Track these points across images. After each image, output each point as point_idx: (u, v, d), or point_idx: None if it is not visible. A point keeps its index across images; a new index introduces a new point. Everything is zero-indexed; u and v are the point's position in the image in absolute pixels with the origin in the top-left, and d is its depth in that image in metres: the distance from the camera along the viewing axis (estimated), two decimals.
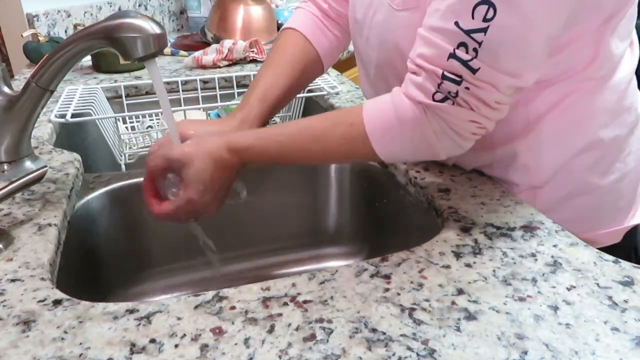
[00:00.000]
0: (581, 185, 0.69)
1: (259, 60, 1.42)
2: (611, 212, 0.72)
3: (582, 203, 0.69)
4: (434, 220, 0.67)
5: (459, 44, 0.52)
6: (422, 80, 0.56)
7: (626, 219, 0.73)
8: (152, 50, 0.60)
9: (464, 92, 0.54)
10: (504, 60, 0.52)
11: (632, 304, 0.47)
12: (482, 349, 0.42)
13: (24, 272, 0.53)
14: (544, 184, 0.68)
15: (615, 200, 0.71)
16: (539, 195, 0.69)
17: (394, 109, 0.58)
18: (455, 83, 0.54)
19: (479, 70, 0.52)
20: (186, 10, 1.95)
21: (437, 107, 0.55)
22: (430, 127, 0.57)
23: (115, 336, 0.44)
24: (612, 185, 0.69)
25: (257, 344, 0.43)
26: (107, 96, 1.14)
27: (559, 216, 0.64)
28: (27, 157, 0.73)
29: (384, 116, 0.59)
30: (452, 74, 0.54)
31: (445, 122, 0.56)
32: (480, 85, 0.53)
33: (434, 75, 0.55)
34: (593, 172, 0.68)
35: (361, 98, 1.08)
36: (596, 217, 0.71)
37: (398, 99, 0.58)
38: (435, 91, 0.55)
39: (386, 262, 0.54)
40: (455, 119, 0.56)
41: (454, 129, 0.57)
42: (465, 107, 0.55)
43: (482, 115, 0.55)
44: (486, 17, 0.50)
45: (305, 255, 0.94)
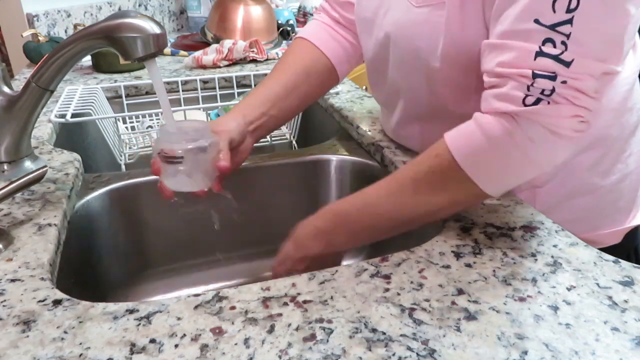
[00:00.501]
0: (582, 186, 0.68)
1: (259, 60, 1.42)
2: (611, 212, 0.72)
3: (582, 203, 0.69)
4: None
5: (545, 40, 0.50)
6: (507, 90, 0.52)
7: (627, 220, 0.73)
8: (152, 50, 0.61)
9: (561, 86, 0.50)
10: (595, 47, 0.50)
11: (632, 304, 0.47)
12: (482, 349, 0.42)
13: (24, 272, 0.53)
14: (544, 184, 0.68)
15: (615, 200, 0.71)
16: (540, 195, 0.69)
17: (479, 129, 0.53)
18: (550, 79, 0.50)
19: (573, 62, 0.49)
20: (186, 10, 1.95)
21: (529, 111, 0.51)
22: (525, 134, 0.51)
23: (115, 336, 0.44)
24: (613, 186, 0.69)
25: (257, 344, 0.43)
26: (107, 96, 1.14)
27: (560, 216, 0.63)
28: (27, 157, 0.73)
29: (470, 140, 0.54)
30: (544, 71, 0.50)
31: (541, 125, 0.51)
32: (577, 76, 0.50)
33: (522, 78, 0.51)
34: (594, 172, 0.68)
35: (361, 98, 1.08)
36: (596, 218, 0.71)
37: (482, 119, 0.54)
38: (526, 95, 0.51)
39: (386, 262, 0.54)
40: (554, 118, 0.51)
41: (554, 130, 0.51)
42: (564, 103, 0.50)
43: (584, 107, 0.51)
44: (569, 7, 0.49)
45: None
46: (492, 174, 0.54)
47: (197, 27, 1.80)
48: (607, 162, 0.68)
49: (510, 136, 0.52)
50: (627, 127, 0.68)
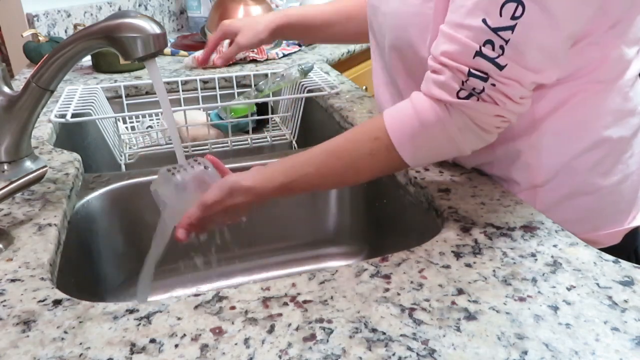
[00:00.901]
0: (583, 186, 0.69)
1: (259, 60, 1.42)
2: (612, 213, 0.72)
3: (583, 203, 0.70)
4: (434, 220, 0.67)
5: (486, 41, 0.53)
6: (445, 79, 0.56)
7: (626, 221, 0.73)
8: (152, 50, 0.61)
9: (490, 88, 0.55)
10: (530, 57, 0.54)
11: (632, 304, 0.47)
12: (482, 349, 0.42)
13: (24, 272, 0.53)
14: (545, 183, 0.68)
15: (616, 201, 0.71)
16: (540, 195, 0.69)
17: (415, 114, 0.59)
18: (481, 80, 0.55)
19: (506, 67, 0.53)
20: (186, 10, 1.95)
21: (461, 104, 0.56)
22: (454, 124, 0.58)
23: (115, 336, 0.44)
24: (614, 187, 0.69)
25: (257, 344, 0.43)
26: (107, 96, 1.14)
27: (560, 216, 0.64)
28: (27, 157, 0.73)
29: (408, 124, 0.59)
30: (479, 71, 0.54)
31: (469, 118, 0.57)
32: (506, 82, 0.54)
33: (460, 73, 0.55)
34: (595, 172, 0.68)
35: (361, 98, 1.08)
36: (597, 218, 0.71)
37: (418, 103, 0.59)
38: (460, 89, 0.56)
39: (386, 262, 0.54)
40: (480, 114, 0.57)
41: (479, 124, 0.58)
42: (490, 103, 0.56)
43: (507, 110, 0.57)
44: (515, 14, 0.52)
45: (305, 255, 0.94)
46: (420, 154, 0.61)
47: (197, 27, 1.80)
48: (608, 162, 0.68)
49: (442, 123, 0.58)
50: (629, 128, 0.69)
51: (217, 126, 1.07)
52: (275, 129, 1.15)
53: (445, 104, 0.57)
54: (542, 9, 0.51)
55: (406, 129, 0.59)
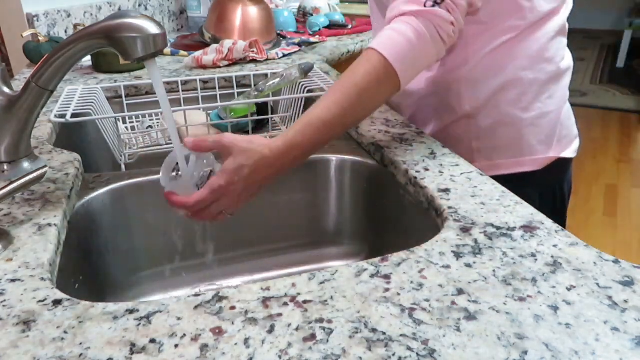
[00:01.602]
0: (505, 118, 0.86)
1: (258, 60, 1.42)
2: (533, 143, 0.88)
3: (507, 133, 0.87)
4: (434, 220, 0.67)
5: None
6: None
7: (547, 151, 0.89)
8: (152, 50, 0.61)
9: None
10: None
11: (632, 304, 0.47)
12: (482, 349, 0.42)
13: (24, 272, 0.53)
14: (476, 114, 0.86)
15: (535, 133, 0.87)
16: (472, 125, 0.88)
17: (395, 32, 0.70)
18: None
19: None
20: (186, 10, 1.95)
21: (428, 11, 0.69)
22: (424, 32, 0.69)
23: (115, 336, 0.44)
24: (533, 120, 0.86)
25: (257, 344, 0.43)
26: (107, 96, 1.14)
27: (489, 142, 0.86)
28: (27, 157, 0.73)
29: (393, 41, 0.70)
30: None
31: (434, 25, 0.69)
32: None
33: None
34: (515, 107, 0.86)
35: None
36: (519, 145, 0.88)
37: (394, 24, 0.71)
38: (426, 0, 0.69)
39: (386, 262, 0.54)
40: (441, 20, 0.69)
41: (439, 32, 0.70)
42: (446, 11, 0.69)
43: (456, 19, 0.70)
44: None
45: (305, 255, 0.94)
46: (408, 66, 0.70)
47: (197, 27, 1.80)
48: (525, 100, 0.85)
49: (418, 34, 0.69)
50: (545, 74, 0.85)
51: (217, 126, 1.07)
52: (275, 129, 1.15)
53: (414, 15, 0.69)
54: None
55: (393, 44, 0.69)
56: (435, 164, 0.75)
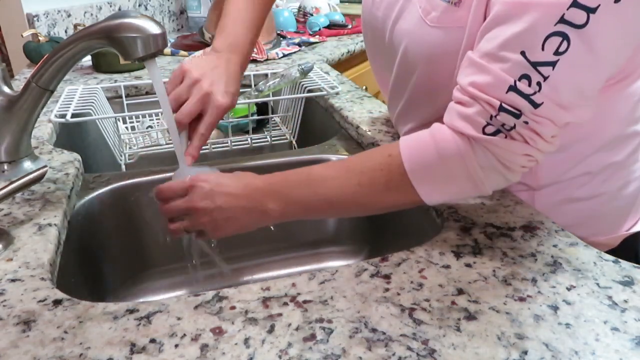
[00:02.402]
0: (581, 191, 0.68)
1: (258, 60, 1.42)
2: (611, 218, 0.71)
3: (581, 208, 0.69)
4: (434, 220, 0.67)
5: (522, 75, 0.49)
6: (472, 113, 0.52)
7: (624, 226, 0.72)
8: (152, 50, 0.61)
9: (522, 125, 0.50)
10: (567, 96, 0.50)
11: (632, 304, 0.47)
12: (482, 349, 0.42)
13: (24, 272, 0.53)
14: (543, 186, 0.68)
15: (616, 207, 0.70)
16: (537, 196, 0.69)
17: (434, 143, 0.54)
18: (513, 116, 0.50)
19: (542, 105, 0.49)
20: (186, 10, 1.95)
21: (487, 140, 0.52)
22: (476, 161, 0.53)
23: (115, 336, 0.44)
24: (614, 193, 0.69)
25: (257, 344, 0.43)
26: (107, 96, 1.14)
27: (558, 220, 0.63)
28: (27, 157, 0.73)
29: (423, 151, 0.55)
30: (511, 107, 0.50)
31: (494, 155, 0.53)
32: (540, 121, 0.50)
33: (489, 106, 0.51)
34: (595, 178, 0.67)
35: (361, 98, 1.08)
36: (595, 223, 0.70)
37: (439, 133, 0.55)
38: (487, 124, 0.52)
39: (386, 262, 0.54)
40: (507, 152, 0.52)
41: (503, 163, 0.53)
42: (519, 141, 0.51)
43: (537, 149, 0.52)
44: (558, 50, 0.47)
45: (305, 255, 0.94)
46: (435, 188, 0.56)
47: (197, 27, 1.80)
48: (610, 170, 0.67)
49: (462, 159, 0.53)
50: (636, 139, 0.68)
51: (217, 126, 1.07)
52: (275, 129, 1.15)
53: (468, 138, 0.53)
54: (588, 47, 0.47)
55: (421, 155, 0.55)
56: None
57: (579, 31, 0.46)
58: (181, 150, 0.67)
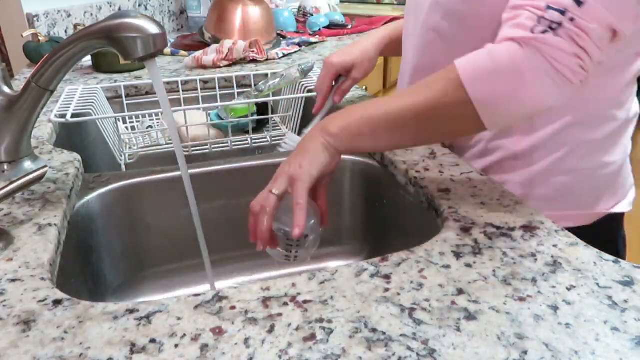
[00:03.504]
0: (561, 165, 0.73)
1: (258, 60, 1.42)
2: (586, 195, 0.75)
3: (560, 182, 0.74)
4: (434, 220, 0.67)
5: None
6: (520, 20, 0.55)
7: (598, 205, 0.75)
8: (152, 50, 0.61)
9: (569, 22, 0.53)
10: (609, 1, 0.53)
11: (632, 304, 0.47)
12: (482, 349, 0.42)
13: (24, 272, 0.53)
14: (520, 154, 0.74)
15: (593, 185, 0.75)
16: (518, 167, 0.75)
17: (488, 54, 0.56)
18: (560, 13, 0.53)
19: (585, 4, 0.52)
20: (186, 10, 1.95)
21: (536, 38, 0.53)
22: (529, 63, 0.54)
23: (115, 336, 0.44)
24: (592, 171, 0.73)
25: (257, 344, 0.43)
26: (107, 96, 1.14)
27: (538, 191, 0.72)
28: (27, 157, 0.73)
29: (477, 59, 0.57)
30: (557, 5, 0.53)
31: (545, 57, 0.54)
32: (586, 18, 0.53)
33: (535, 9, 0.54)
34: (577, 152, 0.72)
35: (361, 98, 1.08)
36: (571, 198, 0.75)
37: (492, 47, 0.57)
38: (535, 25, 0.54)
39: (386, 262, 0.54)
40: (556, 50, 0.53)
41: (554, 65, 0.54)
42: (567, 39, 0.53)
43: (584, 50, 0.53)
44: None
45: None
46: (491, 95, 0.56)
47: (197, 27, 1.80)
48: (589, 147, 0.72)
49: (514, 62, 0.54)
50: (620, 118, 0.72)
51: (217, 126, 1.07)
52: (275, 129, 1.15)
53: (519, 43, 0.54)
54: None
55: (477, 65, 0.56)
56: (435, 164, 0.75)
57: None
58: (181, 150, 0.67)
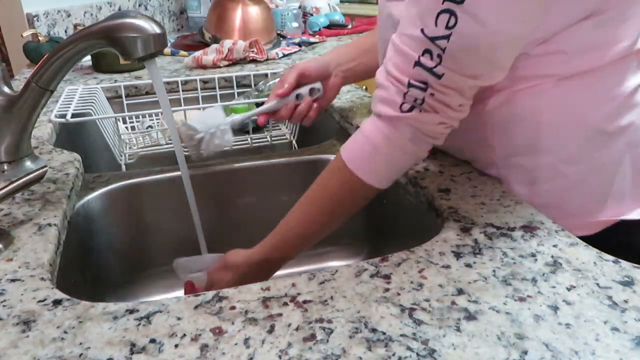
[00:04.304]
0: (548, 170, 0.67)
1: (258, 60, 1.42)
2: (582, 202, 0.68)
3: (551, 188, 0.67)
4: (434, 220, 0.67)
5: (424, 50, 0.54)
6: (388, 95, 0.58)
7: (601, 212, 0.68)
8: (152, 50, 0.61)
9: (430, 97, 0.55)
10: (467, 65, 0.54)
11: (632, 304, 0.47)
12: (482, 349, 0.42)
13: (24, 272, 0.53)
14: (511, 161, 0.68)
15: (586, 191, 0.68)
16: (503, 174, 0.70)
17: (364, 138, 0.61)
18: (421, 90, 0.55)
19: (444, 76, 0.54)
20: (186, 10, 1.95)
21: (406, 117, 0.57)
22: (404, 137, 0.59)
23: (115, 336, 0.44)
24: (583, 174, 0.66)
25: (257, 344, 0.43)
26: (107, 96, 1.14)
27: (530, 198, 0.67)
28: (27, 157, 0.73)
29: (358, 146, 0.62)
30: (418, 82, 0.55)
31: (416, 129, 0.58)
32: (445, 91, 0.55)
33: (400, 84, 0.56)
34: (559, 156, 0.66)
35: (361, 98, 1.08)
36: (566, 205, 0.68)
37: (366, 127, 0.61)
38: (402, 102, 0.57)
39: (386, 262, 0.54)
40: (424, 124, 0.58)
41: (426, 133, 0.59)
42: (432, 112, 0.57)
43: (448, 117, 0.57)
44: (448, 24, 0.52)
45: (305, 255, 0.94)
46: (379, 173, 0.62)
47: (197, 27, 1.80)
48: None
49: (389, 140, 0.59)
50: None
51: None
52: (275, 129, 1.15)
53: (390, 120, 0.58)
54: (473, 20, 0.50)
55: (359, 153, 0.61)
56: (435, 164, 0.75)
57: (460, 6, 0.50)
58: (181, 150, 0.67)
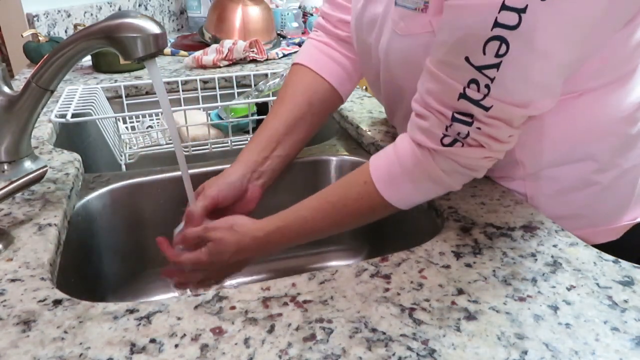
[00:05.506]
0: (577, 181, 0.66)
1: (258, 60, 1.42)
2: (609, 209, 0.69)
3: (577, 198, 0.67)
4: (434, 220, 0.67)
5: (470, 81, 0.50)
6: (428, 125, 0.55)
7: (624, 217, 0.69)
8: (152, 50, 0.61)
9: (475, 132, 0.52)
10: (517, 93, 0.50)
11: (632, 304, 0.47)
12: (482, 349, 0.42)
13: (24, 272, 0.53)
14: (536, 179, 0.67)
15: (612, 196, 0.68)
16: (532, 188, 0.67)
17: (397, 159, 0.59)
18: (466, 124, 0.52)
19: (492, 108, 0.51)
20: (186, 10, 1.95)
21: (446, 151, 0.55)
22: (438, 168, 0.56)
23: (115, 336, 0.44)
24: (611, 182, 0.66)
25: (257, 344, 0.43)
26: (107, 96, 1.14)
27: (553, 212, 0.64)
28: (27, 157, 0.73)
29: (388, 166, 0.59)
30: (463, 115, 0.52)
31: (455, 162, 0.56)
32: (493, 124, 0.52)
33: (443, 117, 0.53)
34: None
35: (361, 98, 1.08)
36: (592, 214, 0.68)
37: (401, 147, 0.59)
38: (444, 135, 0.54)
39: (386, 262, 0.54)
40: (466, 159, 0.55)
41: (466, 166, 0.56)
42: (476, 147, 0.54)
43: (494, 151, 0.55)
44: (499, 52, 0.48)
45: (305, 255, 0.94)
46: (403, 196, 0.60)
47: (197, 27, 1.81)
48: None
49: (422, 168, 0.57)
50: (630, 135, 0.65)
51: (217, 126, 1.07)
52: None
53: (429, 150, 0.56)
54: (528, 47, 0.47)
55: (387, 171, 0.59)
56: None
57: (515, 32, 0.46)
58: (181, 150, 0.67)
